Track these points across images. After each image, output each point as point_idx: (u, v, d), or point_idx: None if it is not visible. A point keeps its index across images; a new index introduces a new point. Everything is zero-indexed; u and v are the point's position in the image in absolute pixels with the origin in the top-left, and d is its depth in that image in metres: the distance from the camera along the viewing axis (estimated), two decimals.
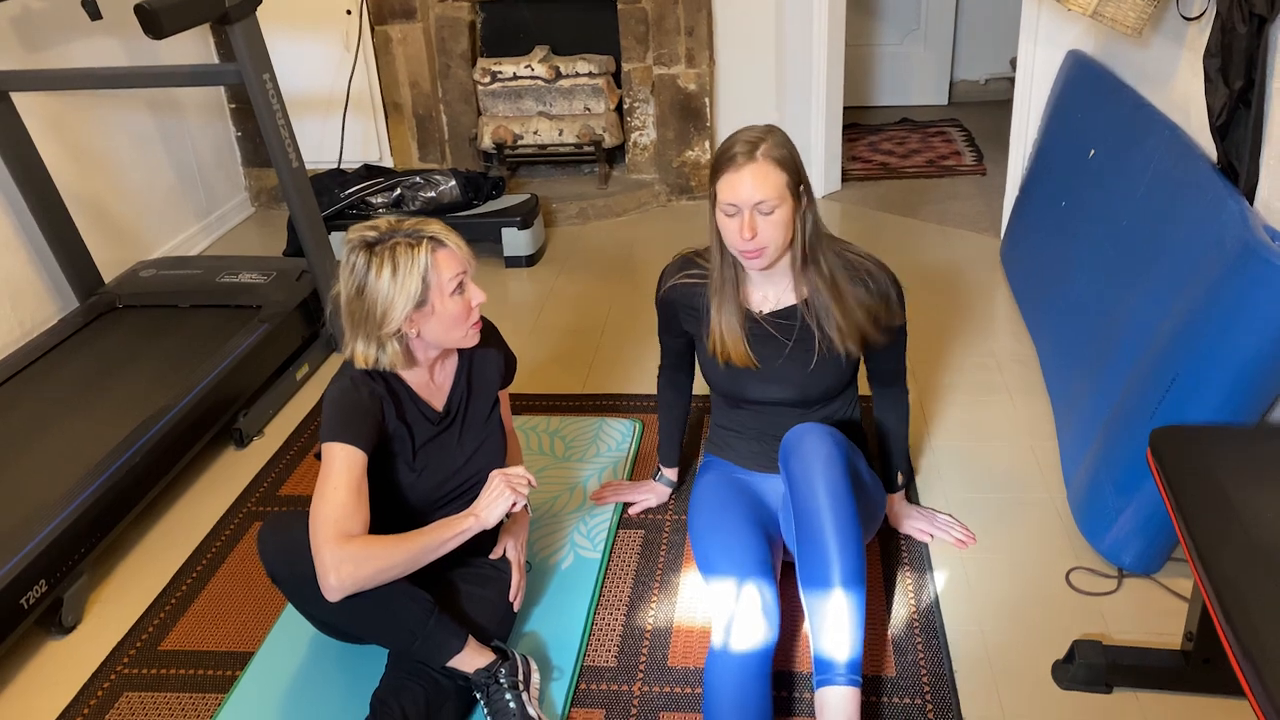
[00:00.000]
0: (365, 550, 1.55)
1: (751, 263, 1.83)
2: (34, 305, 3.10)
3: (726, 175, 1.76)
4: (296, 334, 2.97)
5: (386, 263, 1.62)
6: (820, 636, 1.67)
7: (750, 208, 1.75)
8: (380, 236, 1.65)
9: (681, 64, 4.06)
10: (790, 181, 1.77)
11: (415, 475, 1.77)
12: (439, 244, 1.67)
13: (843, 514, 1.69)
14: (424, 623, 1.64)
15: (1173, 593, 1.96)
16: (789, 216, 1.79)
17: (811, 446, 1.75)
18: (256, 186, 4.42)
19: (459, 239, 1.71)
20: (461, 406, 1.85)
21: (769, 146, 1.76)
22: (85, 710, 1.83)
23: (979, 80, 5.46)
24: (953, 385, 2.73)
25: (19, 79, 2.90)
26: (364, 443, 1.63)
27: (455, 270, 1.67)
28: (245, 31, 2.66)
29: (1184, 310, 1.93)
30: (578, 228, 4.07)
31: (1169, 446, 1.58)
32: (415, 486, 1.77)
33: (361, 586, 1.54)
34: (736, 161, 1.75)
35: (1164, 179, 2.29)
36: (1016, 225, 3.38)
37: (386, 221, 1.68)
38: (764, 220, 1.76)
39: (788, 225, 1.79)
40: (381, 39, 4.14)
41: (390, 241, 1.64)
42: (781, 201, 1.76)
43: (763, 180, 1.74)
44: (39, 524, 2.02)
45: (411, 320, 1.67)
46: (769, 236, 1.78)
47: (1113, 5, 2.46)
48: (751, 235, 1.76)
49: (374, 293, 1.63)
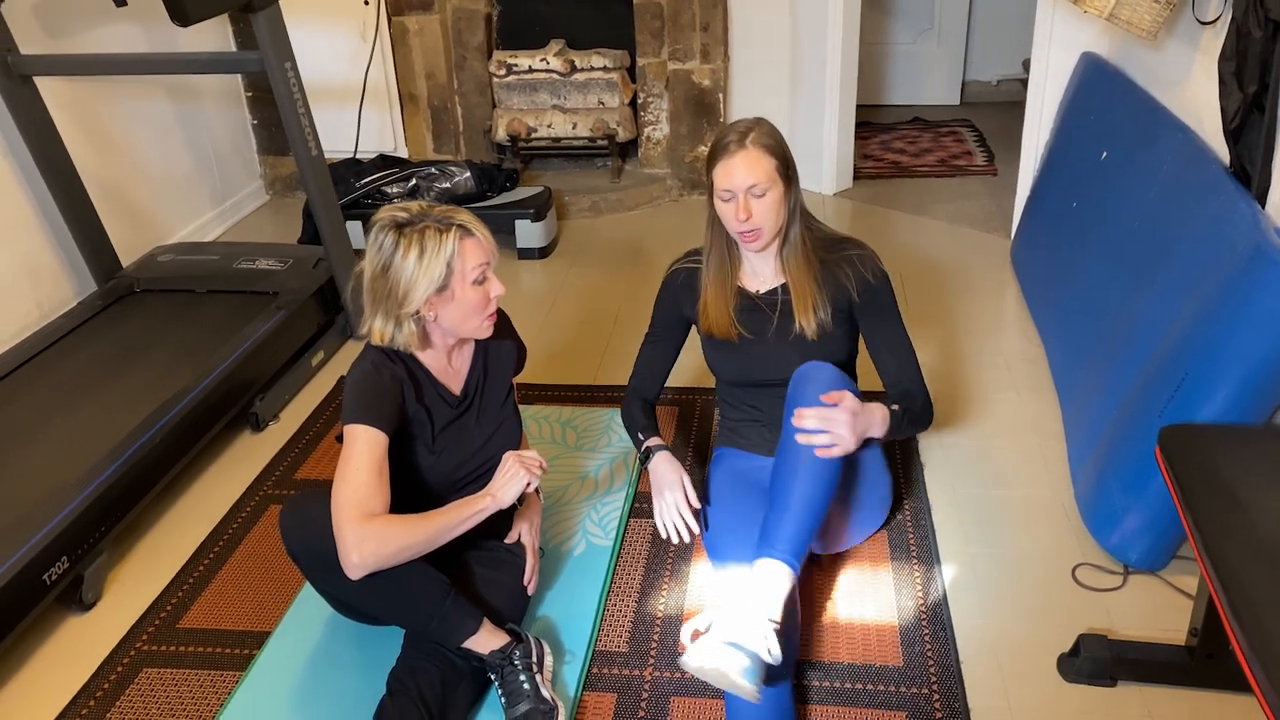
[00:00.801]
0: (386, 529, 1.58)
1: (750, 245, 1.96)
2: (53, 288, 3.14)
3: (721, 162, 1.90)
4: (312, 320, 3.00)
5: (414, 245, 1.65)
6: (772, 517, 1.76)
7: (744, 191, 1.88)
8: (411, 219, 1.68)
9: (696, 60, 4.08)
10: (779, 166, 1.91)
11: (434, 458, 1.80)
12: (467, 233, 1.70)
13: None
14: (440, 604, 1.67)
15: (1178, 590, 1.99)
16: (780, 198, 1.92)
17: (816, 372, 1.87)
18: (271, 174, 4.45)
19: (486, 230, 1.74)
20: (478, 391, 1.88)
21: (758, 135, 1.90)
22: (105, 685, 1.86)
23: (991, 81, 5.47)
24: (962, 382, 2.75)
25: (43, 63, 2.94)
26: (385, 424, 1.66)
27: (479, 260, 1.70)
28: (268, 20, 2.69)
29: (1194, 311, 1.95)
30: (590, 221, 4.10)
31: (1177, 444, 1.61)
32: (434, 469, 1.80)
33: (383, 565, 1.57)
34: (729, 150, 1.89)
35: (1176, 181, 2.31)
36: (1027, 225, 3.40)
37: (418, 205, 1.72)
38: (757, 203, 1.89)
39: (779, 207, 1.92)
40: (399, 30, 4.16)
41: (420, 225, 1.67)
42: (772, 185, 1.89)
43: (754, 165, 1.88)
44: (60, 503, 2.05)
45: (431, 304, 1.70)
46: (762, 217, 1.91)
47: (1128, 8, 2.48)
48: (747, 216, 1.89)
49: (398, 272, 1.66)
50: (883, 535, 2.16)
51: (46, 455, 2.29)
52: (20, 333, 2.93)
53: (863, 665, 1.83)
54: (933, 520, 2.21)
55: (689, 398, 2.71)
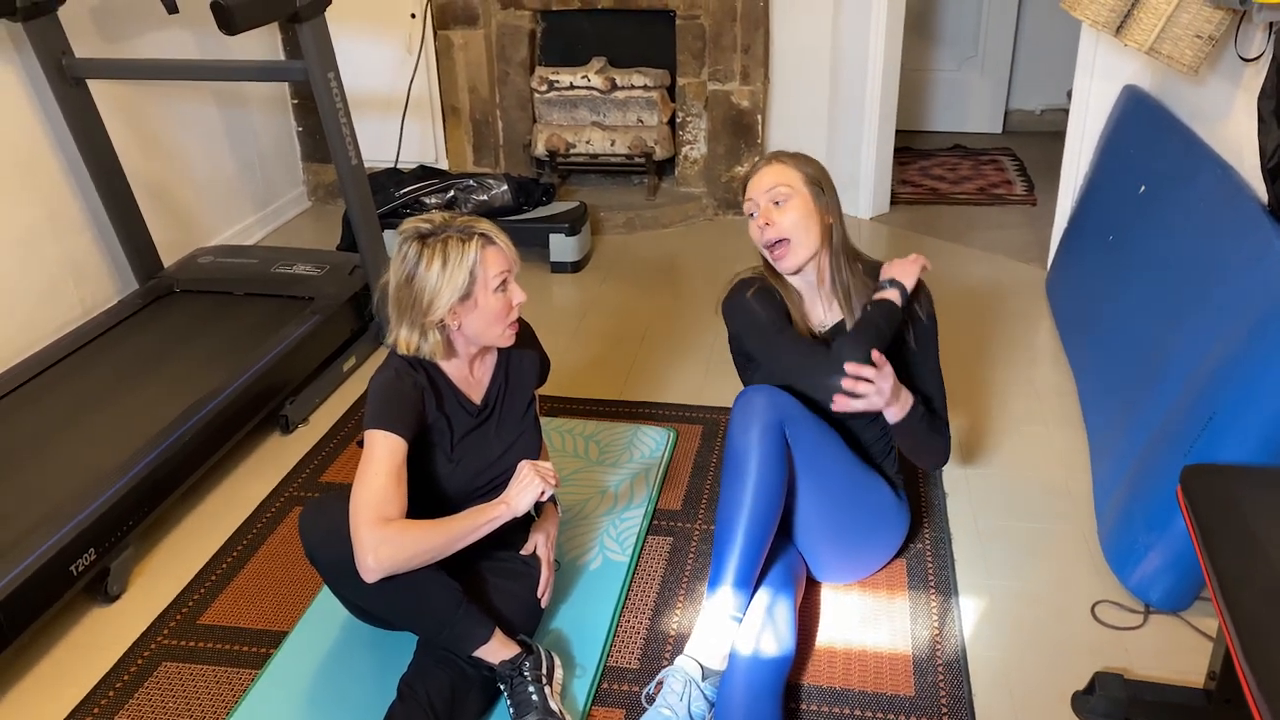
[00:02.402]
0: (402, 534, 1.60)
1: (780, 262, 1.89)
2: (96, 286, 3.21)
3: (749, 183, 1.89)
4: (346, 326, 3.04)
5: (438, 255, 1.68)
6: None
7: (765, 197, 1.84)
8: (434, 230, 1.71)
9: (736, 80, 4.10)
10: (806, 176, 1.86)
11: (453, 466, 1.82)
12: (489, 241, 1.72)
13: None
14: (453, 611, 1.69)
15: (1199, 632, 1.96)
16: (807, 208, 1.85)
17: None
18: (314, 181, 4.52)
19: (507, 239, 1.76)
20: (499, 401, 1.90)
21: (788, 154, 1.89)
22: (125, 677, 1.90)
23: (1034, 110, 5.44)
24: (991, 412, 2.73)
25: (96, 67, 3.01)
26: (405, 431, 1.69)
27: (501, 268, 1.73)
28: (313, 30, 2.74)
29: (1226, 349, 1.93)
30: (624, 237, 4.12)
31: (1199, 484, 1.58)
32: (452, 477, 1.82)
33: (398, 569, 1.59)
34: (757, 167, 1.89)
35: (1213, 218, 2.28)
36: (1063, 257, 3.38)
37: (441, 216, 1.75)
38: (778, 210, 1.83)
39: (807, 218, 1.85)
40: (444, 43, 4.23)
41: (443, 235, 1.70)
42: (795, 190, 1.83)
43: (778, 172, 1.85)
44: (91, 495, 2.10)
45: (455, 312, 1.72)
46: (786, 226, 1.84)
47: (1170, 43, 2.46)
48: (767, 223, 1.84)
49: (422, 282, 1.69)
50: (900, 563, 2.14)
51: (80, 448, 2.34)
52: (63, 328, 3.01)
53: (874, 693, 1.82)
54: (952, 550, 2.20)
55: (712, 417, 2.72)
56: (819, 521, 1.94)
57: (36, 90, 2.94)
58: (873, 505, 2.00)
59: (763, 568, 1.82)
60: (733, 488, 1.79)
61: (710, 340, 3.12)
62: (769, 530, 1.80)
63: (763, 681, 1.71)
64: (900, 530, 2.10)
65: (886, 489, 2.03)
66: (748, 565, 1.77)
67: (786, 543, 1.95)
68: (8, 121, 2.89)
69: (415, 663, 1.76)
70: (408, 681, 1.71)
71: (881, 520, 2.04)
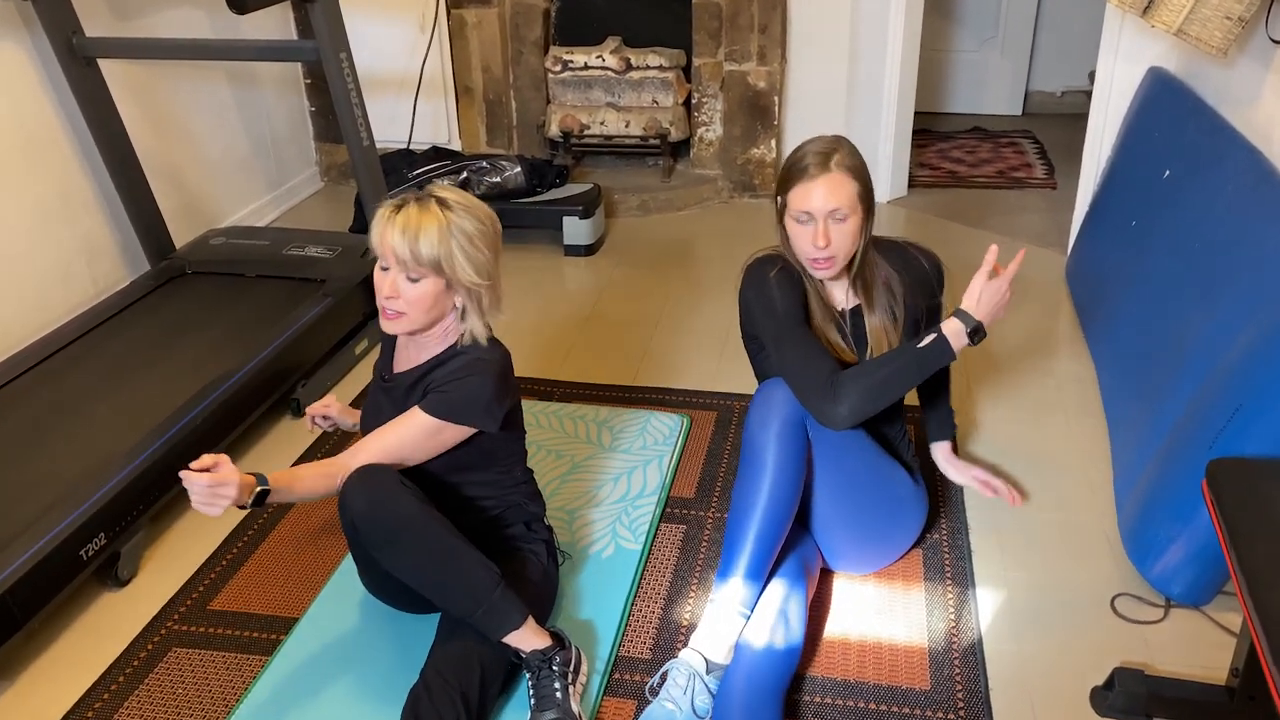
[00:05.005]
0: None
1: (820, 271, 1.85)
2: (108, 266, 3.20)
3: (800, 185, 1.79)
4: (358, 309, 3.02)
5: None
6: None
7: (824, 216, 1.78)
8: (422, 196, 1.74)
9: (753, 61, 4.05)
10: (861, 191, 1.80)
11: (365, 419, 1.90)
12: (408, 220, 1.69)
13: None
14: (491, 591, 1.66)
15: (1221, 627, 1.92)
16: (859, 226, 1.83)
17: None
18: (327, 161, 4.50)
19: (442, 233, 1.67)
20: (406, 388, 1.81)
21: (842, 156, 1.80)
22: (135, 662, 1.89)
23: (1055, 92, 5.37)
24: (1009, 401, 2.69)
25: (107, 46, 2.99)
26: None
27: (385, 250, 1.71)
28: (325, 10, 2.71)
29: (1252, 339, 1.88)
30: (638, 219, 4.08)
31: (1226, 478, 1.55)
32: (364, 429, 1.89)
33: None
34: (810, 172, 1.78)
35: (1240, 203, 2.23)
36: (1084, 242, 3.32)
37: (450, 190, 1.76)
38: (836, 228, 1.79)
39: (857, 235, 1.83)
40: (457, 23, 4.19)
41: (401, 199, 1.75)
42: (853, 211, 1.80)
43: (837, 188, 1.78)
44: (102, 479, 2.09)
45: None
46: (840, 245, 1.81)
47: (1198, 24, 2.41)
48: (826, 243, 1.79)
49: None
50: (916, 554, 2.12)
51: (91, 431, 2.33)
52: (75, 309, 3.00)
53: (889, 686, 1.80)
54: (970, 541, 2.17)
55: (726, 403, 2.69)
56: (838, 514, 1.92)
57: (47, 70, 2.92)
58: (893, 495, 1.98)
59: (776, 559, 1.80)
60: (748, 483, 1.77)
61: (725, 325, 3.08)
62: (783, 528, 1.78)
63: (765, 678, 1.69)
64: (920, 518, 2.08)
65: (905, 477, 2.01)
66: (759, 561, 1.75)
67: (802, 533, 1.93)
68: (19, 101, 2.87)
69: (440, 650, 1.70)
70: (437, 669, 1.65)
71: (901, 509, 2.01)
